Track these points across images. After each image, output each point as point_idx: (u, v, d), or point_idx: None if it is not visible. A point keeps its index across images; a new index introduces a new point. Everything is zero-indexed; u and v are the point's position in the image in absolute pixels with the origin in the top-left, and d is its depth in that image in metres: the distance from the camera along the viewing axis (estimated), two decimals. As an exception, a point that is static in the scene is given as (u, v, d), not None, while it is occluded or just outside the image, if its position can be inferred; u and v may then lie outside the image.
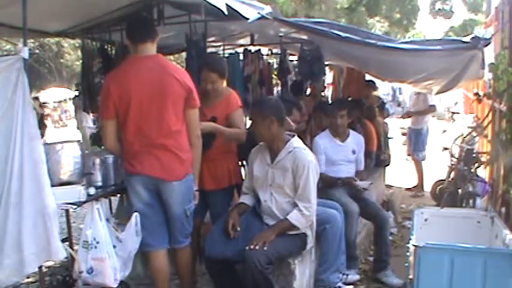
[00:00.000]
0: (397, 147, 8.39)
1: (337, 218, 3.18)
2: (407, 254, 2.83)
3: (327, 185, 3.69)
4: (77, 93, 5.48)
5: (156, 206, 2.89)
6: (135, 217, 2.95)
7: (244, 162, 3.54)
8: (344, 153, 3.84)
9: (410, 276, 2.69)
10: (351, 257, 3.55)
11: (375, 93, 6.46)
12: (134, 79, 2.74)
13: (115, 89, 2.76)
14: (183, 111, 2.80)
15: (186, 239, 3.00)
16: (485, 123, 3.96)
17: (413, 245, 2.65)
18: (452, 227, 3.14)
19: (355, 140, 3.94)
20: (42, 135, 7.18)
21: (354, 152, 3.89)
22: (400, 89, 17.15)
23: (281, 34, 5.13)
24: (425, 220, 3.22)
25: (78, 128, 7.97)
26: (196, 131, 2.88)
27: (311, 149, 3.36)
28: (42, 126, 8.95)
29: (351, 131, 3.98)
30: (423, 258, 2.59)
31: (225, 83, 3.33)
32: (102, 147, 3.53)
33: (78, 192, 2.77)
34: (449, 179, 4.36)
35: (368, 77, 6.24)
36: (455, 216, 3.27)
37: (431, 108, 6.34)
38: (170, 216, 2.91)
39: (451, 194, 4.01)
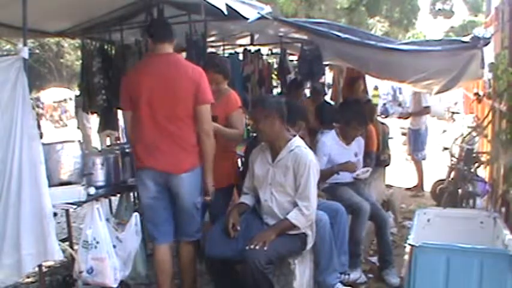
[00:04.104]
0: (397, 147, 8.38)
1: (323, 219, 3.10)
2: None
3: (325, 178, 3.62)
4: (78, 92, 5.49)
5: (163, 200, 2.94)
6: (135, 217, 2.96)
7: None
8: (348, 156, 3.80)
9: (402, 274, 2.66)
10: (356, 255, 3.54)
11: (362, 87, 6.20)
12: (146, 74, 2.84)
13: (130, 83, 2.91)
14: (194, 108, 2.84)
15: (197, 233, 3.02)
16: (485, 123, 3.96)
17: (410, 245, 2.64)
18: (455, 228, 3.10)
19: (357, 143, 3.94)
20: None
21: (356, 155, 3.89)
22: (400, 89, 17.17)
23: (281, 34, 5.13)
24: (428, 220, 3.19)
25: (78, 128, 7.99)
26: (205, 127, 2.89)
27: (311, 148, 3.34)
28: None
29: None
30: (419, 257, 2.58)
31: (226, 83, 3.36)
32: (103, 148, 3.53)
33: (78, 192, 2.78)
34: (449, 179, 4.35)
35: (368, 78, 6.23)
36: (458, 216, 3.24)
37: (426, 110, 6.31)
38: (180, 209, 2.94)
39: (451, 194, 4.01)
